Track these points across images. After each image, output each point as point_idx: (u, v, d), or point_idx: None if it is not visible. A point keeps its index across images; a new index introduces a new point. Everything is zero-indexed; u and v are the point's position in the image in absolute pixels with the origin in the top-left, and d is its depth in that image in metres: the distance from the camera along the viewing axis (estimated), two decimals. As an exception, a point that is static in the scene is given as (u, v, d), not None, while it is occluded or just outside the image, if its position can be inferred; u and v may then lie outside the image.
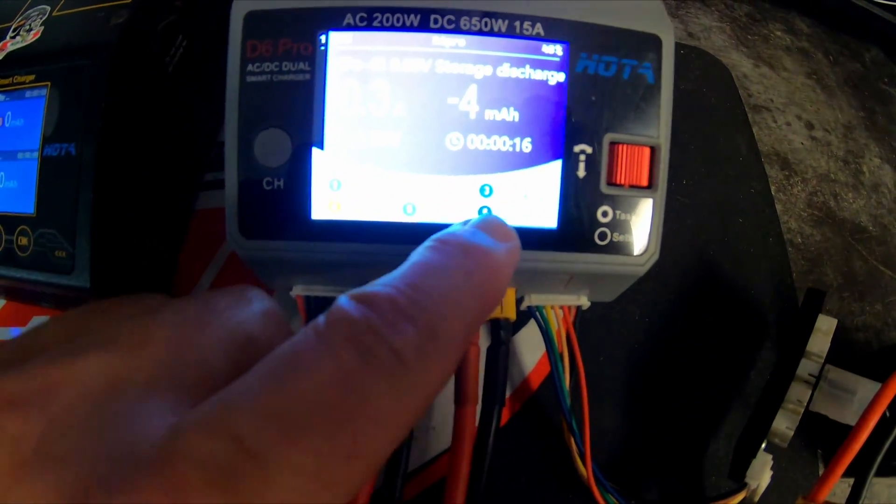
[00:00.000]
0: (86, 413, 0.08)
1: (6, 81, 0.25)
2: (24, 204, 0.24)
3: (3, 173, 0.25)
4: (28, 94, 0.25)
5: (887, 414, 0.22)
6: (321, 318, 0.10)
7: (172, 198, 0.28)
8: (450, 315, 0.10)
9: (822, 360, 0.25)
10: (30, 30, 0.26)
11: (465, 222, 0.14)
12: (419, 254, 0.12)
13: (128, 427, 0.08)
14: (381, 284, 0.10)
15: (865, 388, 0.24)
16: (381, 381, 0.09)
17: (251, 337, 0.10)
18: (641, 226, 0.20)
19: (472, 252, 0.12)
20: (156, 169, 0.26)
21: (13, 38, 0.27)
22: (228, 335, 0.10)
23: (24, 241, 0.24)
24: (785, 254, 0.29)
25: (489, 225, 0.14)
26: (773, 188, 0.31)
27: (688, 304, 0.27)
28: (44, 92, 0.24)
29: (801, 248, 0.30)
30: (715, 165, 0.30)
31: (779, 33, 0.37)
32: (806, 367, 0.25)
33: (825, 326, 0.25)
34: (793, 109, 0.34)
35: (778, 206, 0.30)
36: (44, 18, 0.26)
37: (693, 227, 0.29)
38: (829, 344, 0.25)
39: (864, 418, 0.22)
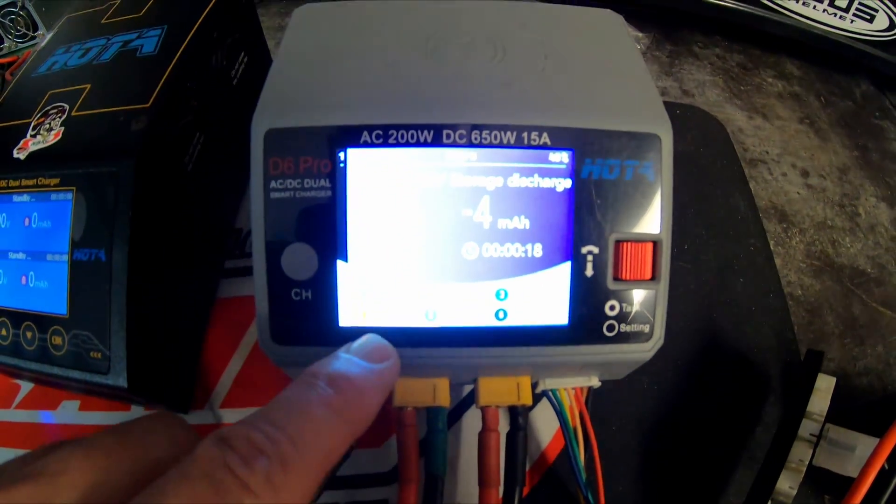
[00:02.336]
0: None
1: (31, 182, 0.26)
2: (56, 305, 0.25)
3: (32, 273, 0.26)
4: (53, 196, 0.26)
5: (886, 466, 0.24)
6: (188, 457, 0.12)
7: (197, 287, 0.29)
8: (300, 445, 0.12)
9: (823, 419, 0.26)
10: (50, 129, 0.27)
11: (347, 347, 0.16)
12: (287, 389, 0.14)
13: None
14: (242, 423, 0.13)
15: (864, 444, 0.26)
16: None
17: (159, 461, 0.13)
18: (646, 315, 0.21)
19: (335, 381, 0.14)
20: (181, 262, 0.27)
21: (34, 136, 0.28)
22: (136, 462, 0.12)
23: (58, 340, 0.25)
24: (786, 308, 0.30)
25: (364, 349, 0.16)
26: (771, 243, 0.32)
27: (694, 368, 0.29)
28: (69, 196, 0.25)
29: (800, 300, 0.32)
30: (714, 226, 0.31)
31: (770, 80, 0.38)
32: (807, 428, 0.26)
33: (824, 385, 0.26)
34: (788, 159, 0.35)
35: (777, 261, 0.31)
36: (63, 118, 0.27)
37: (695, 291, 0.30)
38: (828, 402, 0.26)
39: (863, 473, 0.23)
